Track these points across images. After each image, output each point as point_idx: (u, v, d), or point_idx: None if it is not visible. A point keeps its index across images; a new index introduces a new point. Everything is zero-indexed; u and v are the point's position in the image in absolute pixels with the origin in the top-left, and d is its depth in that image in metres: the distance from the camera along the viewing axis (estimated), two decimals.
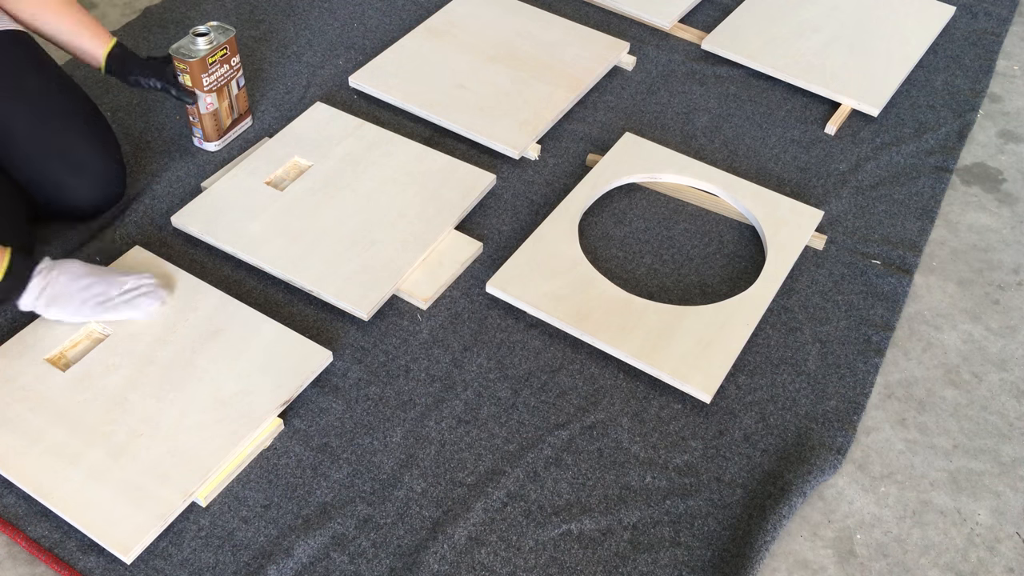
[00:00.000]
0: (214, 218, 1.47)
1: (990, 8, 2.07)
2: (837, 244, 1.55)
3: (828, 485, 1.26)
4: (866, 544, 1.20)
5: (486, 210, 1.57)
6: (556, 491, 1.21)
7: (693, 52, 1.91)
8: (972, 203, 1.68)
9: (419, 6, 1.97)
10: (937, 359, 1.42)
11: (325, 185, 1.54)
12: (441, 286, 1.43)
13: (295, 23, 1.92)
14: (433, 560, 1.14)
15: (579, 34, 1.87)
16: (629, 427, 1.28)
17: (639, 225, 1.56)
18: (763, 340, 1.40)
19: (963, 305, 1.50)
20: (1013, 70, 1.97)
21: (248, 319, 1.33)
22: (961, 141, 1.75)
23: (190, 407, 1.23)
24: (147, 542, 1.12)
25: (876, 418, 1.34)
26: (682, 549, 1.17)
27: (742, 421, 1.30)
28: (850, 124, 1.77)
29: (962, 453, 1.30)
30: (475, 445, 1.25)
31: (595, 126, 1.73)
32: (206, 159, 1.62)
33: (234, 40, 1.55)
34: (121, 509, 1.13)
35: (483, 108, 1.69)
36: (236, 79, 1.59)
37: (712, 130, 1.74)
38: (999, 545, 1.21)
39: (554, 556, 1.15)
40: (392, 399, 1.30)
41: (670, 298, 1.45)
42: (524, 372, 1.34)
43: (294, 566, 1.12)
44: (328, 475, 1.21)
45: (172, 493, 1.15)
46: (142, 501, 1.14)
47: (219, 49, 1.52)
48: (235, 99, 1.61)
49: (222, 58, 1.54)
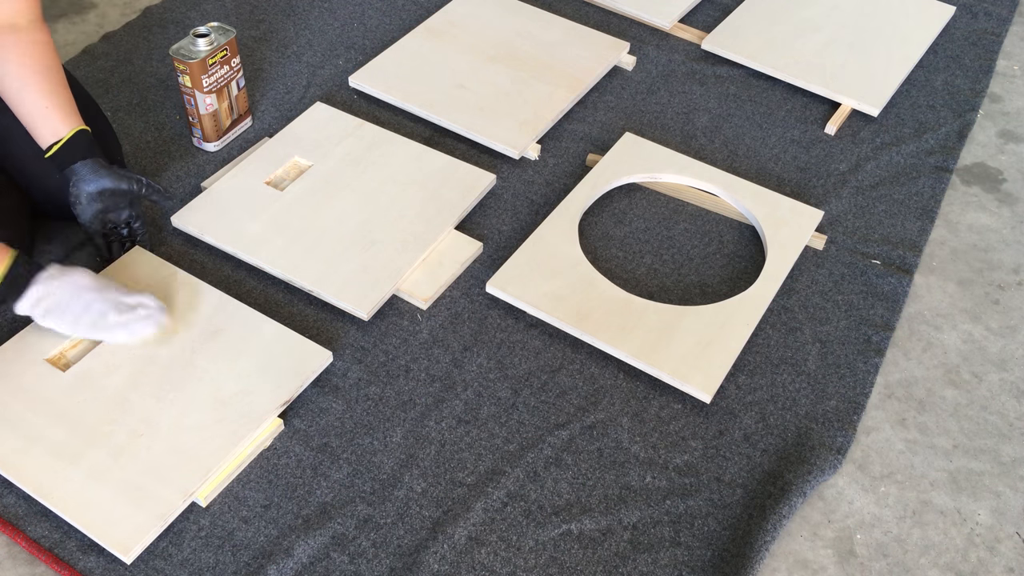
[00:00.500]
0: (214, 218, 1.47)
1: (990, 8, 2.07)
2: (837, 244, 1.55)
3: (828, 485, 1.26)
4: (866, 544, 1.20)
5: (486, 210, 1.57)
6: (556, 491, 1.21)
7: (693, 52, 1.91)
8: (972, 203, 1.68)
9: (419, 6, 1.97)
10: (937, 359, 1.42)
11: (325, 185, 1.54)
12: (441, 286, 1.43)
13: (295, 23, 1.92)
14: (433, 560, 1.14)
15: (579, 34, 1.87)
16: (629, 427, 1.28)
17: (639, 225, 1.56)
18: (763, 340, 1.40)
19: (963, 305, 1.50)
20: (1013, 70, 1.97)
21: (248, 319, 1.33)
22: (961, 141, 1.75)
23: (190, 407, 1.23)
24: (147, 542, 1.12)
25: (876, 418, 1.34)
26: (682, 549, 1.17)
27: (742, 421, 1.30)
28: (850, 124, 1.77)
29: (962, 453, 1.30)
30: (475, 445, 1.25)
31: (595, 126, 1.73)
32: (206, 159, 1.62)
33: (234, 41, 1.55)
34: (121, 509, 1.13)
35: (483, 108, 1.69)
36: (236, 80, 1.59)
37: (712, 130, 1.74)
38: (999, 545, 1.21)
39: (554, 556, 1.15)
40: (392, 399, 1.30)
41: (670, 298, 1.45)
42: (524, 372, 1.34)
43: (294, 566, 1.12)
44: (328, 475, 1.21)
45: (172, 493, 1.15)
46: (142, 501, 1.14)
47: (219, 50, 1.52)
48: (235, 100, 1.61)
49: (222, 59, 1.54)
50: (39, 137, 1.32)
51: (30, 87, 1.31)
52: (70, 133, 1.31)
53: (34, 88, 1.31)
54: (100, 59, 1.80)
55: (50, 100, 1.31)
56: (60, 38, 1.89)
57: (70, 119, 1.32)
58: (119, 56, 1.81)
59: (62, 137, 1.30)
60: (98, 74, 1.77)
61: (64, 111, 1.32)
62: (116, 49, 1.83)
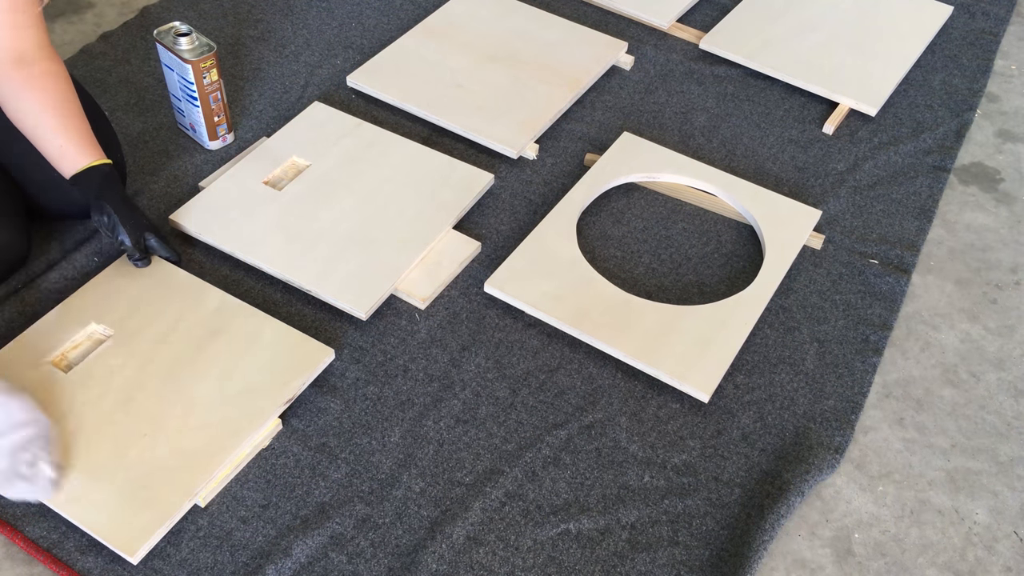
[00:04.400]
0: (212, 218, 1.47)
1: (988, 8, 2.07)
2: (835, 244, 1.55)
3: (826, 484, 1.26)
4: (864, 543, 1.20)
5: (484, 210, 1.57)
6: (554, 491, 1.21)
7: (691, 52, 1.91)
8: (970, 203, 1.68)
9: (417, 5, 1.97)
10: (935, 358, 1.42)
11: (323, 185, 1.54)
12: (439, 286, 1.43)
13: (293, 23, 1.92)
14: (431, 560, 1.14)
15: (577, 34, 1.87)
16: (627, 426, 1.28)
17: (637, 225, 1.56)
18: (761, 339, 1.40)
19: (961, 305, 1.50)
20: (1011, 70, 1.97)
21: (249, 318, 1.33)
22: (959, 141, 1.75)
23: (194, 406, 1.23)
24: (154, 542, 1.12)
25: (874, 417, 1.34)
26: (680, 548, 1.17)
27: (740, 420, 1.30)
28: (848, 124, 1.77)
29: (960, 452, 1.30)
30: (473, 445, 1.26)
31: (593, 126, 1.73)
32: (204, 159, 1.62)
33: (216, 56, 1.53)
34: (127, 509, 1.13)
35: (481, 108, 1.69)
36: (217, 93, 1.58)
37: (710, 130, 1.74)
38: (997, 544, 1.21)
39: (552, 556, 1.15)
40: (390, 399, 1.30)
41: (668, 297, 1.45)
42: (522, 372, 1.34)
43: (292, 566, 1.12)
44: (326, 475, 1.21)
45: (177, 492, 1.15)
46: (148, 501, 1.14)
47: (207, 59, 1.52)
48: None
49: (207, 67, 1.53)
50: (61, 172, 1.32)
51: (45, 124, 1.29)
52: (84, 167, 1.30)
53: (49, 125, 1.29)
54: (98, 59, 1.80)
55: (65, 137, 1.30)
56: (58, 38, 1.89)
57: (85, 153, 1.31)
58: (117, 56, 1.81)
59: (77, 170, 1.30)
60: (95, 74, 1.77)
61: (79, 145, 1.31)
62: (114, 49, 1.83)
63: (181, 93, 1.57)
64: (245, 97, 1.74)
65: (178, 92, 1.58)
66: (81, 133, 1.32)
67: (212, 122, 1.59)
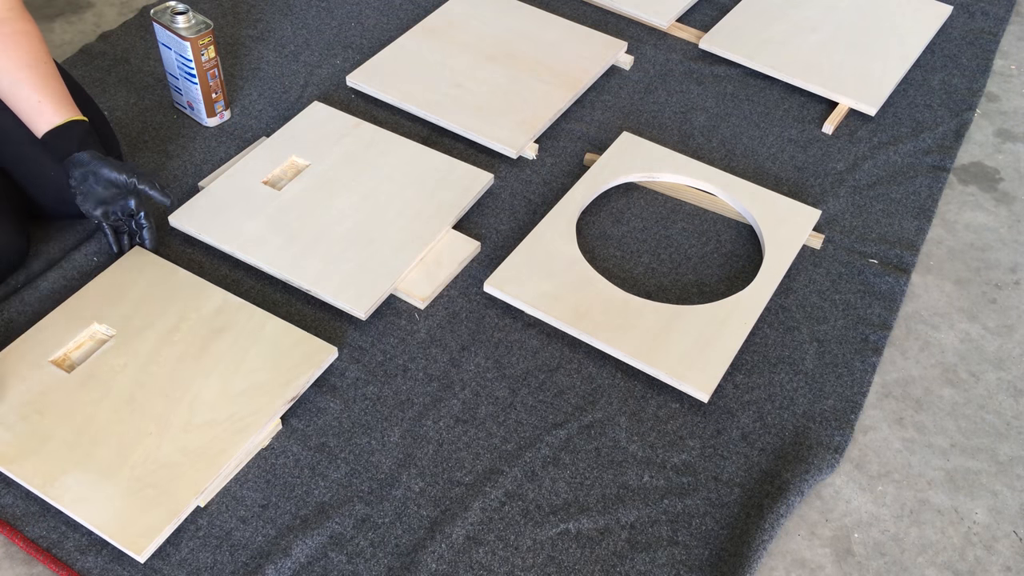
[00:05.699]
0: (212, 218, 1.47)
1: (987, 7, 2.07)
2: (834, 243, 1.55)
3: (826, 484, 1.26)
4: (864, 543, 1.20)
5: (484, 209, 1.57)
6: (554, 490, 1.21)
7: (691, 51, 1.91)
8: (969, 202, 1.68)
9: (417, 5, 1.97)
10: (934, 358, 1.42)
11: (323, 184, 1.54)
12: (439, 285, 1.43)
13: (292, 22, 1.92)
14: (431, 559, 1.14)
15: (577, 33, 1.87)
16: (627, 426, 1.29)
17: (637, 224, 1.56)
18: (761, 339, 1.40)
19: (960, 304, 1.50)
20: (1010, 69, 1.97)
21: (252, 317, 1.33)
22: (958, 140, 1.75)
23: (199, 405, 1.23)
24: (160, 540, 1.12)
25: (874, 417, 1.34)
26: (680, 548, 1.17)
27: (740, 420, 1.30)
28: (847, 123, 1.77)
29: (959, 452, 1.31)
30: (473, 444, 1.26)
31: (593, 125, 1.73)
32: (203, 159, 1.62)
33: (212, 33, 1.55)
34: (134, 508, 1.13)
35: (481, 107, 1.69)
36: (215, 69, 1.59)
37: (710, 129, 1.75)
38: (996, 544, 1.21)
39: (552, 555, 1.15)
40: (390, 399, 1.30)
41: (668, 297, 1.45)
42: (522, 371, 1.34)
43: (292, 566, 1.12)
44: (326, 475, 1.21)
45: (184, 490, 1.15)
46: (154, 499, 1.14)
47: (205, 35, 1.53)
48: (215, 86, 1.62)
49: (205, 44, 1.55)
50: (35, 130, 1.32)
51: (22, 82, 1.31)
52: (63, 122, 1.30)
53: (26, 82, 1.31)
54: (97, 58, 1.80)
55: (43, 93, 1.31)
56: (57, 37, 1.89)
57: (64, 110, 1.32)
58: (116, 55, 1.81)
59: (55, 125, 1.30)
60: (95, 73, 1.77)
61: (57, 102, 1.32)
62: (113, 48, 1.83)
63: (179, 71, 1.58)
64: (245, 96, 1.74)
65: (175, 71, 1.59)
66: (58, 91, 1.32)
67: (210, 99, 1.60)
